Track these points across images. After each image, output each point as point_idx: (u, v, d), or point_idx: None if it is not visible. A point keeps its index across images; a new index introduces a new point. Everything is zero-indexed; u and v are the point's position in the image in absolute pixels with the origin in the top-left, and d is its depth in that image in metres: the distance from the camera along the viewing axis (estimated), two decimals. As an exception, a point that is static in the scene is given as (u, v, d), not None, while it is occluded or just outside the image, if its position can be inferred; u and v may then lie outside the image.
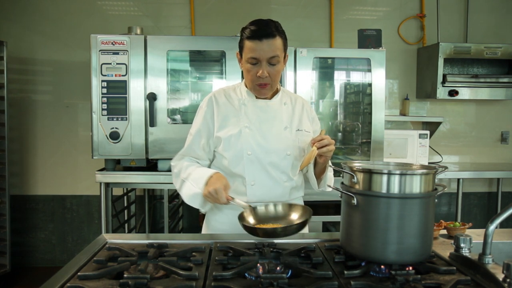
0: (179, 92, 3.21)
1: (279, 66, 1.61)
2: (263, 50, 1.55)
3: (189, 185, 1.61)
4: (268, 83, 1.61)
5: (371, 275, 1.12)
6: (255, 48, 1.55)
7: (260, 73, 1.57)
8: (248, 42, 1.57)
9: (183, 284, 1.02)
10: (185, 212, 3.88)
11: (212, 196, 1.48)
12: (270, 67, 1.58)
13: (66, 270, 1.14)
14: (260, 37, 1.54)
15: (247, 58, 1.59)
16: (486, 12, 3.99)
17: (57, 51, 3.72)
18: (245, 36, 1.59)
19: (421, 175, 1.14)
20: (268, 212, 1.42)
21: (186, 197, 1.63)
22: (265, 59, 1.56)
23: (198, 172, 1.62)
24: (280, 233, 1.28)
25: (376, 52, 3.05)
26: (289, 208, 1.45)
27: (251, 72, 1.60)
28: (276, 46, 1.56)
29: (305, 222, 1.32)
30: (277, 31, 1.57)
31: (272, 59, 1.57)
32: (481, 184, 4.14)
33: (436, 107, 4.04)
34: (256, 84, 1.62)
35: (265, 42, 1.54)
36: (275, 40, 1.56)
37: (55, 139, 3.78)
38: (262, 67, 1.57)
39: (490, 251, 1.15)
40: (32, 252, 3.85)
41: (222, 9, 3.79)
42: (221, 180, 1.52)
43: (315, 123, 1.81)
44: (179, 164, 1.70)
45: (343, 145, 3.44)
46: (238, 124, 1.65)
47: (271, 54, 1.56)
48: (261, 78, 1.59)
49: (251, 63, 1.59)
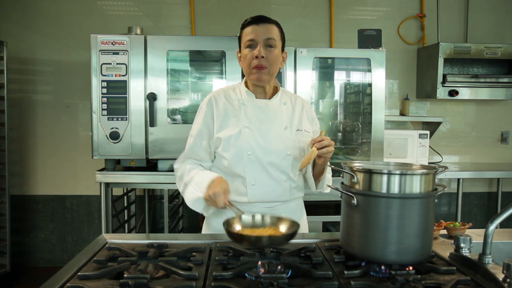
0: (179, 92, 3.21)
1: (277, 51, 1.63)
2: (260, 31, 1.60)
3: (192, 189, 1.61)
4: (265, 67, 1.61)
5: (371, 275, 1.12)
6: (251, 31, 1.61)
7: (257, 52, 1.59)
8: (246, 29, 1.64)
9: (183, 284, 1.02)
10: (185, 212, 3.88)
11: (211, 199, 1.49)
12: (267, 50, 1.60)
13: (66, 270, 1.14)
14: (257, 22, 1.62)
15: (244, 43, 1.63)
16: (486, 12, 3.99)
17: (57, 51, 3.72)
18: (243, 26, 1.65)
19: (421, 175, 1.14)
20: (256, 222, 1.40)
21: (189, 202, 1.63)
22: (262, 40, 1.60)
23: (200, 176, 1.61)
24: (265, 243, 1.23)
25: (376, 52, 3.05)
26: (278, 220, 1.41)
27: (248, 56, 1.62)
28: (272, 31, 1.62)
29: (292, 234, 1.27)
30: (274, 22, 1.65)
31: (269, 41, 1.60)
32: (481, 184, 4.14)
33: (436, 107, 4.04)
34: (253, 68, 1.61)
35: (262, 25, 1.61)
36: (272, 25, 1.63)
37: (55, 139, 3.78)
38: (259, 47, 1.60)
39: (490, 251, 1.15)
40: (32, 252, 3.85)
41: (222, 9, 3.79)
42: (221, 184, 1.52)
43: (314, 124, 1.80)
44: (182, 167, 1.69)
45: (343, 145, 3.44)
46: (237, 124, 1.65)
47: (268, 35, 1.60)
48: (257, 59, 1.59)
49: (248, 47, 1.62)
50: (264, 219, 1.38)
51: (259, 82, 1.65)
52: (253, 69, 1.61)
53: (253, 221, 1.37)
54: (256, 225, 1.37)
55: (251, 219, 1.38)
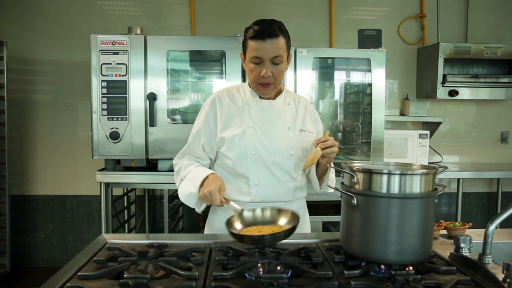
0: (179, 92, 3.21)
1: (282, 66, 1.62)
2: (266, 50, 1.55)
3: (186, 184, 1.62)
4: (272, 83, 1.62)
5: (371, 275, 1.12)
6: (258, 48, 1.56)
7: (264, 72, 1.58)
8: (251, 42, 1.58)
9: (183, 284, 1.02)
10: (185, 212, 3.87)
11: (207, 198, 1.49)
12: (273, 67, 1.59)
13: (66, 270, 1.14)
14: (263, 37, 1.55)
15: (250, 58, 1.60)
16: (486, 12, 3.99)
17: (57, 51, 3.72)
18: (248, 36, 1.60)
19: (421, 175, 1.14)
20: (256, 217, 1.40)
21: (182, 196, 1.65)
22: (268, 58, 1.57)
23: (195, 171, 1.62)
24: (267, 241, 1.25)
25: (376, 52, 3.05)
26: (278, 213, 1.42)
27: (254, 72, 1.61)
28: (279, 46, 1.57)
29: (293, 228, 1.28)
30: (280, 31, 1.58)
31: (275, 59, 1.58)
32: (481, 184, 4.14)
33: (436, 107, 4.04)
34: (259, 84, 1.63)
35: (268, 42, 1.55)
36: (278, 40, 1.57)
37: (55, 139, 3.78)
38: (265, 66, 1.58)
39: (490, 251, 1.15)
40: (32, 252, 3.85)
41: (222, 9, 3.79)
42: (216, 181, 1.52)
43: (318, 124, 1.81)
44: (180, 163, 1.72)
45: (343, 145, 3.44)
46: (241, 124, 1.66)
47: (274, 54, 1.57)
48: (264, 78, 1.59)
49: (254, 63, 1.60)
50: (264, 213, 1.39)
51: (265, 95, 1.68)
52: (259, 85, 1.63)
53: (253, 217, 1.38)
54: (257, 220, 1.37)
55: (251, 214, 1.39)
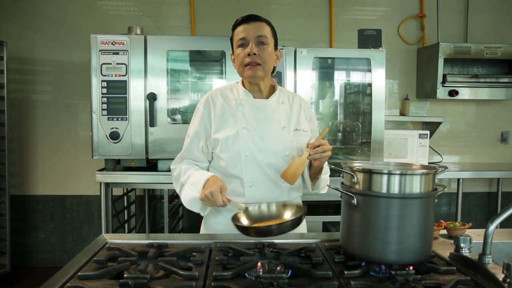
0: (179, 92, 3.21)
1: (269, 49, 1.62)
2: (251, 29, 1.60)
3: (188, 189, 1.61)
4: (259, 63, 1.59)
5: (371, 275, 1.12)
6: (242, 30, 1.61)
7: (249, 49, 1.58)
8: (237, 29, 1.63)
9: (183, 284, 1.02)
10: (185, 212, 3.87)
11: (209, 199, 1.48)
12: (259, 47, 1.59)
13: (66, 270, 1.13)
14: (247, 20, 1.61)
15: (236, 43, 1.62)
16: (486, 12, 3.99)
17: (57, 51, 3.72)
18: (234, 27, 1.65)
19: (421, 175, 1.14)
20: (262, 212, 1.41)
21: (185, 202, 1.63)
22: (253, 38, 1.59)
23: (196, 175, 1.61)
24: (274, 231, 1.27)
25: (376, 52, 3.05)
26: (283, 207, 1.44)
27: (241, 55, 1.61)
28: (263, 29, 1.61)
29: (299, 219, 1.30)
30: (264, 20, 1.64)
31: (260, 38, 1.59)
32: (481, 184, 4.14)
33: (436, 107, 4.04)
34: (245, 65, 1.60)
35: (252, 24, 1.60)
36: (263, 23, 1.62)
37: (55, 139, 3.78)
38: (251, 45, 1.59)
39: (490, 251, 1.15)
40: (32, 252, 3.85)
41: (222, 9, 3.79)
42: (217, 182, 1.51)
43: (312, 122, 1.79)
44: (179, 168, 1.69)
45: (343, 145, 3.44)
46: (235, 125, 1.64)
47: (259, 33, 1.59)
48: (250, 56, 1.58)
49: (240, 46, 1.61)
50: (270, 208, 1.40)
51: (253, 79, 1.63)
52: (246, 66, 1.60)
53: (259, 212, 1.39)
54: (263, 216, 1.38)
55: (257, 209, 1.40)
